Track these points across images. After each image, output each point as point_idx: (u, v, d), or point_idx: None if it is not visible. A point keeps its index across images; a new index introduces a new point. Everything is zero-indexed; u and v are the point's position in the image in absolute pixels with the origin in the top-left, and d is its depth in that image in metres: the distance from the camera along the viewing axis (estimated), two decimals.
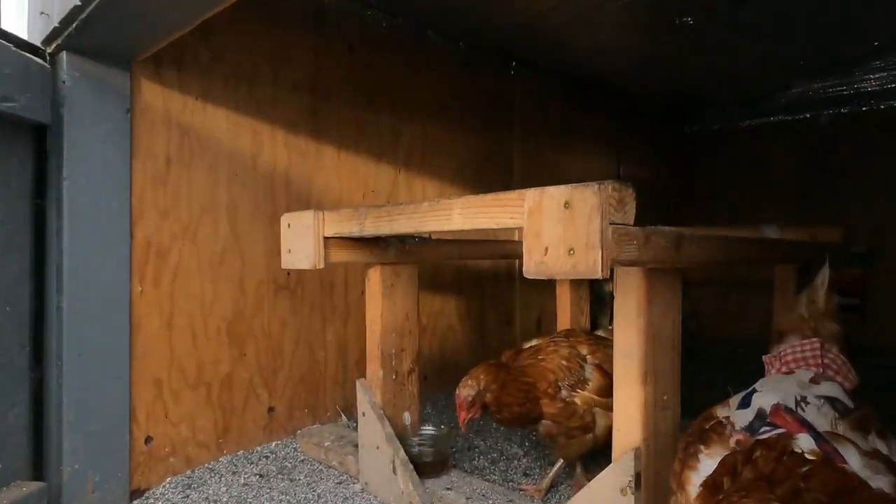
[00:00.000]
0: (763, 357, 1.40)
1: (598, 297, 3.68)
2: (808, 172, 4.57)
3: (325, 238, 1.72)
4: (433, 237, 2.12)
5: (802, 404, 1.04)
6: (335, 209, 1.70)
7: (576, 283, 2.50)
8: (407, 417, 2.04)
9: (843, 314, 3.76)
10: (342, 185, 2.60)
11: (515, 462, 2.23)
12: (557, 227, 1.07)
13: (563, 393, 1.82)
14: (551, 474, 1.96)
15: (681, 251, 1.22)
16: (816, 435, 0.92)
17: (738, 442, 0.98)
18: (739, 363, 4.00)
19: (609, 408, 1.85)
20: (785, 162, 4.68)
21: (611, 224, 1.04)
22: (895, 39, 3.54)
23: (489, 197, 1.24)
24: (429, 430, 2.04)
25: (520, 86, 3.54)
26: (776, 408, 1.01)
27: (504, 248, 2.44)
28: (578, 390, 1.83)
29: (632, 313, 1.26)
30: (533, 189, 1.12)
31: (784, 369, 1.30)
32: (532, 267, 1.11)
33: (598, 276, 1.02)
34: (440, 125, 3.05)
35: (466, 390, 1.77)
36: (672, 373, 1.33)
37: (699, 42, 3.28)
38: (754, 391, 1.11)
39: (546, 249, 1.09)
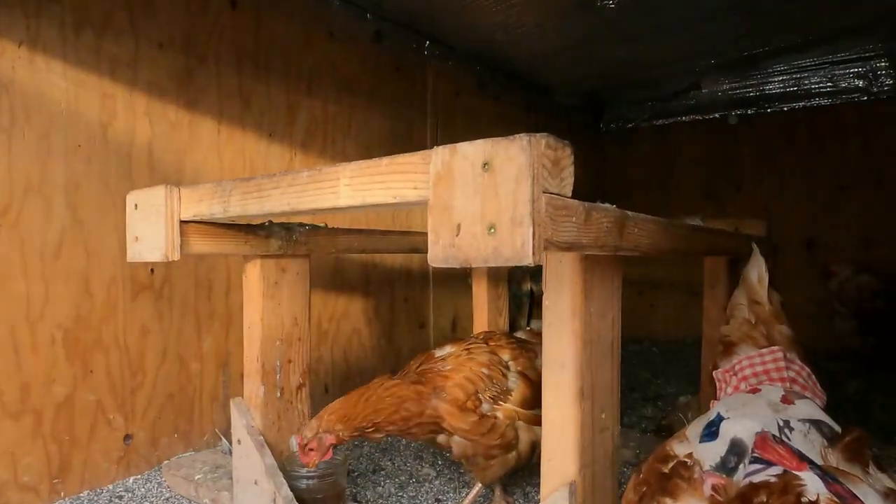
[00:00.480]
0: (713, 373, 1.19)
1: (514, 296, 3.47)
2: (716, 172, 4.63)
3: (183, 222, 1.35)
4: (318, 217, 1.80)
5: (787, 430, 0.82)
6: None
7: (494, 281, 2.25)
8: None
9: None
10: (224, 165, 2.20)
11: (427, 485, 1.95)
12: (474, 197, 0.79)
13: (485, 407, 1.55)
14: (467, 501, 1.69)
15: (624, 234, 0.98)
16: (822, 473, 0.70)
17: (715, 488, 0.73)
18: (657, 363, 3.95)
19: (533, 421, 1.61)
20: (694, 161, 4.72)
21: (544, 193, 0.77)
22: (795, 41, 3.60)
23: (385, 161, 0.94)
24: None
25: (434, 68, 3.26)
26: (763, 438, 0.78)
27: (415, 240, 2.15)
28: (501, 402, 1.57)
29: (566, 313, 1.00)
30: (441, 147, 0.83)
31: (743, 386, 1.09)
32: (439, 252, 0.82)
33: (529, 261, 0.75)
34: (345, 103, 2.72)
35: (306, 432, 1.47)
36: (612, 385, 1.09)
37: (616, 30, 3.15)
38: (720, 418, 0.88)
39: (458, 228, 0.80)
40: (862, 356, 3.65)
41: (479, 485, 1.73)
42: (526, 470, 1.99)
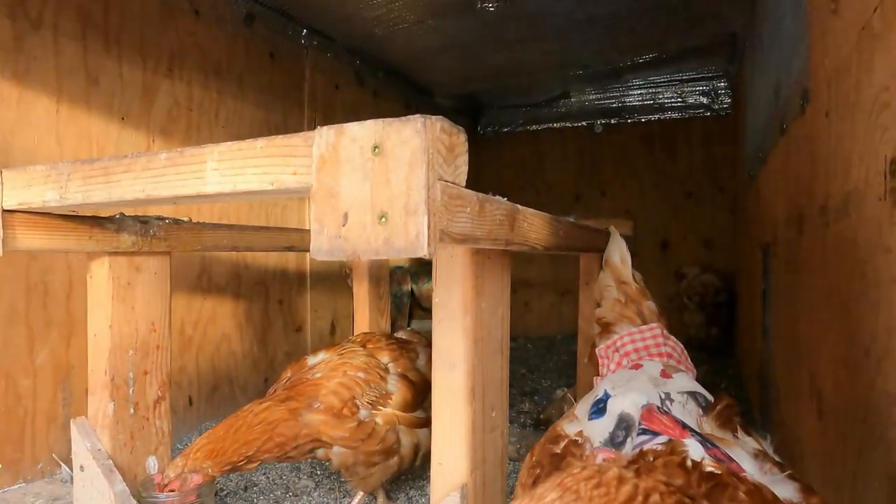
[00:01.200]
0: (596, 350, 1.22)
1: (394, 296, 3.42)
2: (584, 177, 4.92)
3: (6, 211, 1.13)
4: (182, 210, 1.62)
5: (668, 402, 0.85)
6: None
7: (376, 281, 2.17)
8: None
9: None
10: (64, 150, 1.92)
11: (306, 498, 1.82)
12: (363, 183, 0.72)
13: (363, 413, 1.47)
14: None
15: (515, 228, 0.96)
16: (702, 439, 0.73)
17: (606, 462, 0.73)
18: (532, 358, 4.09)
19: (416, 424, 1.56)
20: (565, 166, 4.98)
21: (440, 180, 0.72)
22: (652, 58, 3.92)
23: (261, 143, 0.84)
24: None
25: (312, 59, 3.12)
26: (649, 410, 0.80)
27: (291, 237, 2.01)
28: (380, 407, 1.50)
29: (457, 310, 0.96)
30: (326, 128, 0.75)
31: (625, 362, 1.13)
32: (324, 243, 0.73)
33: (423, 252, 0.69)
34: (213, 89, 2.50)
35: (170, 472, 1.33)
36: (501, 383, 1.07)
37: (494, 34, 3.22)
38: (607, 395, 0.89)
39: (345, 217, 0.72)
40: (707, 346, 4.05)
41: (361, 493, 1.65)
42: (409, 473, 1.94)
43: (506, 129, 5.21)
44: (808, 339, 1.37)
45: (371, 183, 0.71)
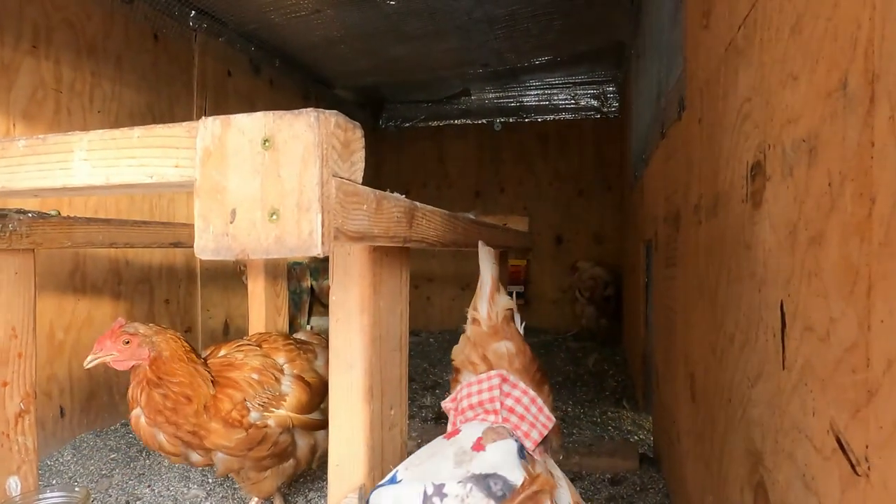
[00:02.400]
0: (442, 404, 1.04)
1: (293, 293, 3.31)
2: (484, 173, 5.03)
3: None
4: (50, 203, 1.48)
5: (436, 499, 0.74)
6: None
7: (272, 278, 2.09)
8: (14, 484, 1.35)
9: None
10: None
11: None
12: (252, 178, 0.68)
13: (254, 415, 1.42)
14: None
15: (414, 225, 0.96)
16: None
17: None
18: (433, 352, 4.13)
19: (312, 426, 1.52)
20: (466, 162, 5.07)
21: (334, 177, 0.70)
22: (547, 61, 4.08)
23: (138, 132, 0.77)
24: (54, 496, 1.39)
25: (202, 42, 2.93)
26: None
27: (178, 232, 1.88)
28: (273, 409, 1.45)
29: (354, 309, 0.94)
30: (211, 118, 0.71)
31: (462, 421, 0.95)
32: (210, 241, 0.69)
33: (317, 251, 0.67)
34: (87, 70, 2.28)
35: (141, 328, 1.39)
36: (401, 380, 1.06)
37: (394, 27, 3.20)
38: (393, 480, 0.79)
39: (233, 213, 0.69)
40: (597, 335, 4.29)
41: (256, 499, 1.59)
42: (309, 475, 1.90)
43: (407, 124, 5.21)
44: (682, 327, 1.49)
45: (261, 178, 0.68)
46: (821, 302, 0.59)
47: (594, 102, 4.78)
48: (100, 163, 0.79)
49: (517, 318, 1.12)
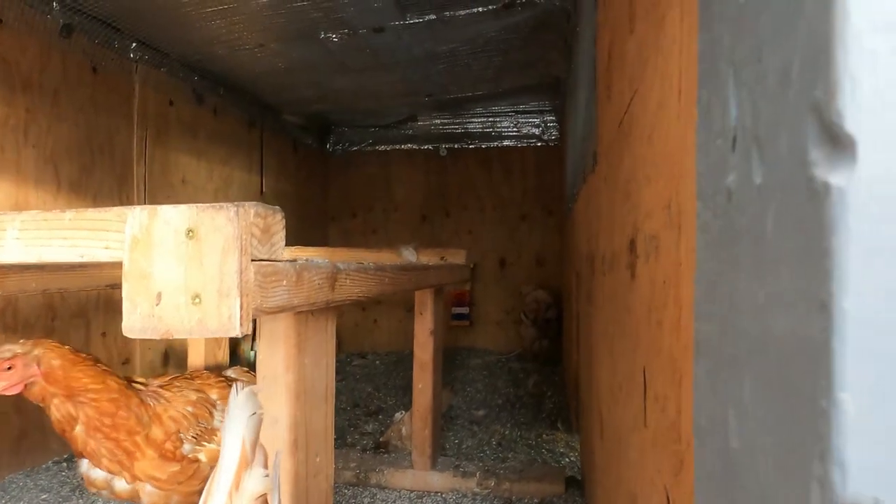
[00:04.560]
0: None
1: None
2: (430, 198, 5.15)
3: None
4: None
5: None
6: None
7: None
8: None
9: (456, 322, 4.23)
10: None
11: None
12: (177, 266, 0.76)
13: (186, 447, 1.46)
14: None
15: (336, 288, 1.04)
16: None
17: None
18: (379, 375, 4.18)
19: None
20: (412, 187, 5.17)
21: (253, 261, 0.78)
22: (490, 91, 4.24)
23: (69, 215, 0.83)
24: None
25: (142, 74, 2.94)
26: None
27: (116, 274, 1.90)
28: (205, 443, 1.50)
29: (279, 368, 1.02)
30: (139, 208, 0.77)
31: None
32: (137, 322, 0.76)
33: (236, 333, 0.75)
34: (21, 105, 2.26)
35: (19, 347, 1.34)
36: (325, 429, 1.14)
37: (338, 62, 3.29)
38: None
39: (159, 297, 0.76)
40: (539, 356, 4.45)
41: None
42: None
43: (355, 148, 5.28)
44: (596, 364, 1.62)
45: (185, 266, 0.75)
46: (661, 379, 0.70)
47: (535, 131, 4.98)
48: (33, 242, 0.84)
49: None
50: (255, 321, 2.33)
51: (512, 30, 3.02)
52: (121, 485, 1.43)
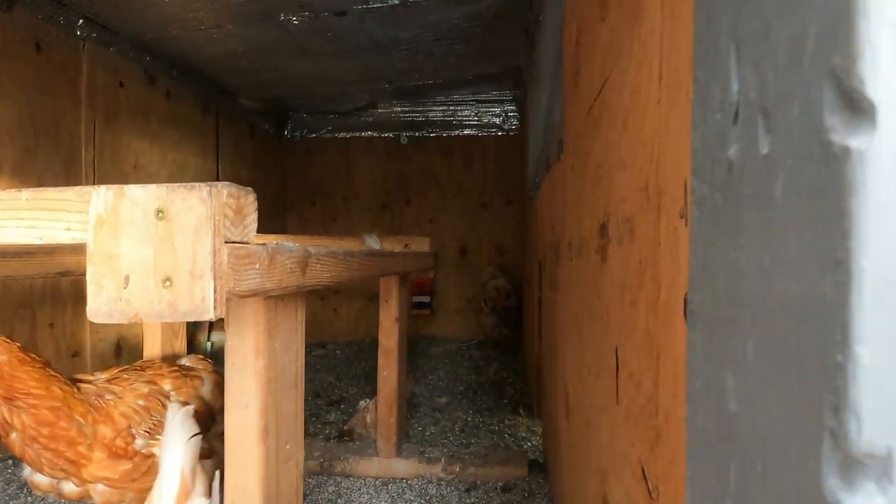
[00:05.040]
0: None
1: None
2: (391, 186, 5.12)
3: None
4: None
5: None
6: None
7: None
8: None
9: (417, 310, 4.24)
10: None
11: None
12: (146, 247, 0.73)
13: (139, 442, 1.42)
14: None
15: (307, 273, 1.03)
16: None
17: None
18: (340, 365, 4.15)
19: (200, 455, 1.54)
20: (373, 175, 5.13)
21: (226, 243, 0.76)
22: (452, 80, 4.24)
23: (26, 195, 0.79)
24: None
25: (90, 53, 2.80)
26: None
27: (66, 262, 1.81)
28: (159, 437, 1.45)
29: (249, 354, 1.00)
30: (104, 187, 0.74)
31: None
32: (102, 305, 0.73)
33: (209, 316, 0.73)
34: None
35: None
36: (296, 415, 1.12)
37: (298, 45, 3.22)
38: None
39: (127, 279, 0.73)
40: (499, 344, 4.50)
41: None
42: None
43: (314, 135, 5.19)
44: (561, 348, 1.65)
45: (154, 247, 0.73)
46: (636, 356, 0.72)
47: (496, 120, 5.01)
48: None
49: None
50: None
51: (474, 17, 3.02)
52: (69, 487, 1.38)
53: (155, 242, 0.73)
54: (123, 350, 2.98)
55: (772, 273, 0.26)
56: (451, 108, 4.96)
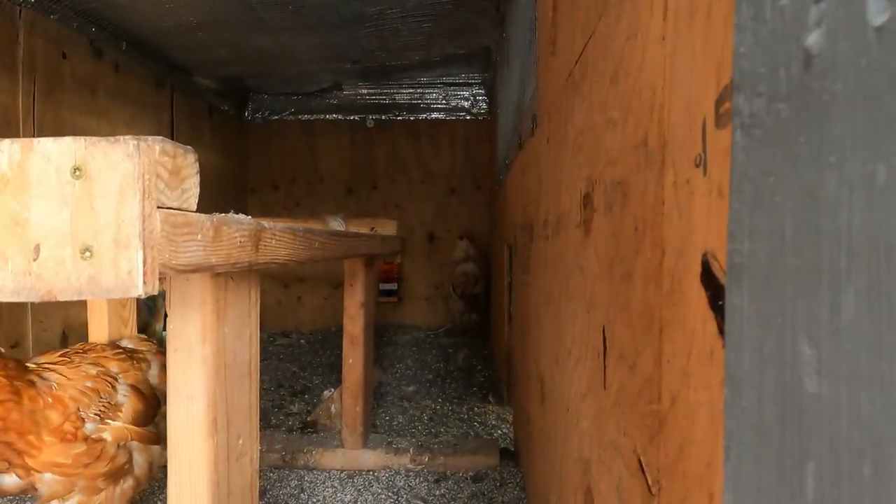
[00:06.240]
0: None
1: (147, 297, 3.07)
2: (356, 170, 4.98)
3: None
4: None
5: None
6: None
7: None
8: None
9: (384, 298, 4.14)
10: None
11: None
12: (60, 211, 0.61)
13: (89, 426, 1.30)
14: None
15: (261, 248, 0.92)
16: None
17: None
18: (304, 354, 4.02)
19: (150, 439, 1.44)
20: (338, 158, 4.97)
21: (160, 208, 0.65)
22: (419, 61, 4.12)
23: None
24: None
25: (28, 20, 2.59)
26: None
27: None
28: (109, 421, 1.34)
29: (194, 338, 0.89)
30: (8, 141, 0.62)
31: None
32: (9, 280, 0.61)
33: (139, 292, 0.62)
34: None
35: None
36: (250, 407, 1.02)
37: (257, 18, 3.05)
38: None
39: (37, 250, 0.61)
40: (468, 330, 4.43)
41: None
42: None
43: (276, 117, 5.00)
44: (535, 332, 1.58)
45: (71, 211, 0.61)
46: (629, 334, 0.65)
47: (465, 104, 4.91)
48: None
49: None
50: (164, 296, 2.06)
51: None
52: (10, 481, 1.25)
53: (71, 205, 0.61)
54: (70, 339, 2.79)
55: (893, 189, 0.18)
56: (418, 90, 4.84)
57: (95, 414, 1.31)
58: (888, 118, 0.18)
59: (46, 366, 1.36)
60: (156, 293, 0.67)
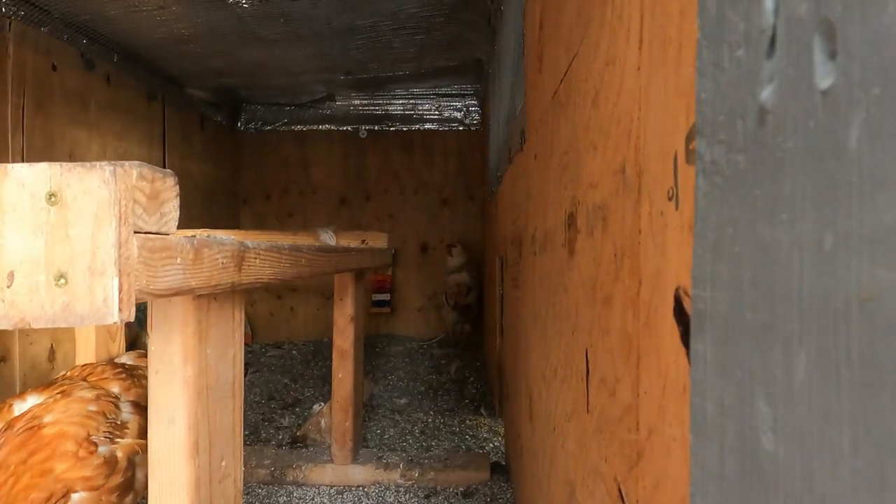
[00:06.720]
0: None
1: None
2: (349, 181, 4.97)
3: None
4: None
5: None
6: None
7: None
8: None
9: (377, 309, 4.12)
10: None
11: None
12: (34, 237, 0.61)
13: (102, 449, 1.29)
14: None
15: (244, 269, 0.92)
16: None
17: None
18: (296, 366, 4.00)
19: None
20: (330, 169, 4.97)
21: (137, 233, 0.65)
22: (412, 72, 4.13)
23: None
24: None
25: (17, 32, 2.58)
26: None
27: None
28: (119, 440, 1.34)
29: (176, 360, 0.88)
30: None
31: None
32: None
33: (114, 319, 0.61)
34: None
35: None
36: (233, 429, 1.01)
37: (249, 30, 3.06)
38: None
39: (11, 276, 0.61)
40: (460, 341, 4.42)
41: None
42: None
43: (268, 127, 5.00)
44: (524, 348, 1.57)
45: (45, 238, 0.61)
46: (610, 359, 0.64)
47: (457, 115, 4.92)
48: None
49: None
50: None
51: (434, 6, 2.92)
52: None
53: (46, 232, 0.61)
54: (57, 354, 2.77)
55: (840, 257, 0.18)
56: (411, 101, 4.85)
57: (105, 436, 1.30)
58: (833, 184, 0.18)
59: (45, 400, 1.34)
60: (132, 320, 0.67)
